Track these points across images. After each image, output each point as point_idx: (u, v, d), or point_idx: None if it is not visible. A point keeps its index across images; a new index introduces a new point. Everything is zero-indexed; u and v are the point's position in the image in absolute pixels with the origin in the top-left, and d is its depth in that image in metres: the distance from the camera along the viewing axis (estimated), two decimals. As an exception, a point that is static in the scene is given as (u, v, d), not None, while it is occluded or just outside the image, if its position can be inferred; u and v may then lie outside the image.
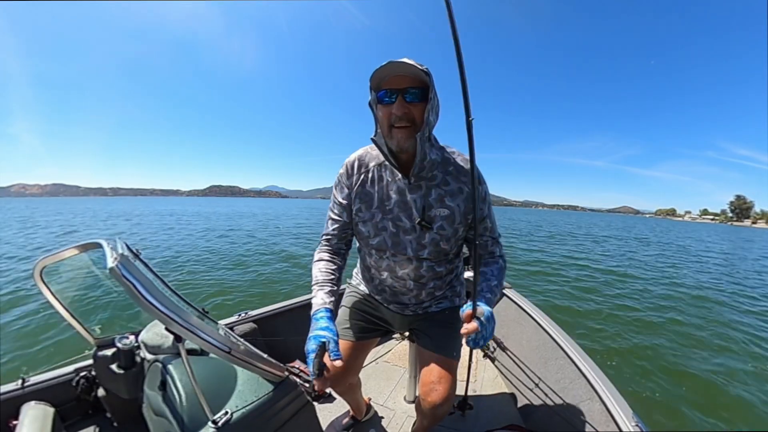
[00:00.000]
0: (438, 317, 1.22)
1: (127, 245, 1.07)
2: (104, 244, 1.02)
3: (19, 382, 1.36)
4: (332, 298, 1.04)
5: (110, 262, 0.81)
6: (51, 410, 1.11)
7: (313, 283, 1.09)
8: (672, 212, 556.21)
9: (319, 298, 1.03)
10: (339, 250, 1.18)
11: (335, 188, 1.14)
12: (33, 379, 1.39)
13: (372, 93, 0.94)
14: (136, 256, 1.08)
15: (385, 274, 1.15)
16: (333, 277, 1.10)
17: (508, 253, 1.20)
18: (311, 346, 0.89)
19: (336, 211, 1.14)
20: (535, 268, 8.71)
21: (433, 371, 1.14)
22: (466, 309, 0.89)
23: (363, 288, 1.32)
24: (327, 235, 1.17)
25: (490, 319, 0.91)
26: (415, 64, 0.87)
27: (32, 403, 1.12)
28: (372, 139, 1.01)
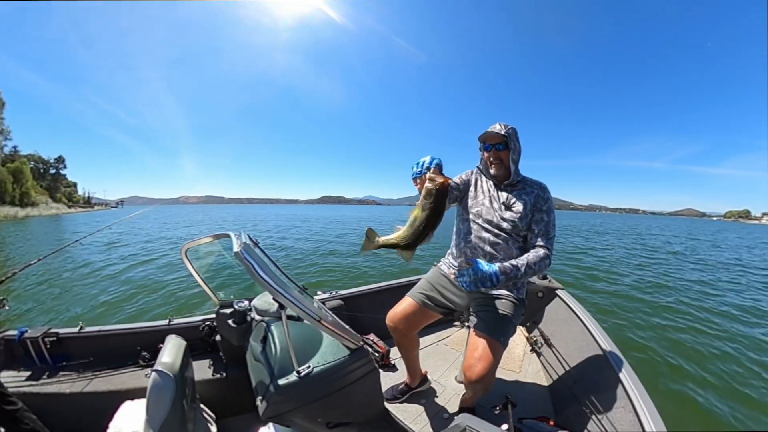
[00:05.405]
0: (498, 304, 1.40)
1: (249, 236, 1.33)
2: (232, 234, 1.26)
3: (167, 321, 1.85)
4: None
5: (236, 248, 1.03)
6: (184, 343, 1.35)
7: None
8: (745, 214, 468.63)
9: None
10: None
11: (462, 174, 1.59)
12: (175, 321, 1.87)
13: (480, 143, 1.48)
14: (256, 244, 1.34)
15: (480, 232, 1.44)
16: None
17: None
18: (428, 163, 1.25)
19: (457, 180, 1.56)
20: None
21: (477, 349, 1.26)
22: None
23: (446, 268, 1.61)
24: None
25: (480, 271, 1.19)
26: (500, 130, 1.35)
27: (173, 336, 1.37)
28: (477, 167, 1.58)
